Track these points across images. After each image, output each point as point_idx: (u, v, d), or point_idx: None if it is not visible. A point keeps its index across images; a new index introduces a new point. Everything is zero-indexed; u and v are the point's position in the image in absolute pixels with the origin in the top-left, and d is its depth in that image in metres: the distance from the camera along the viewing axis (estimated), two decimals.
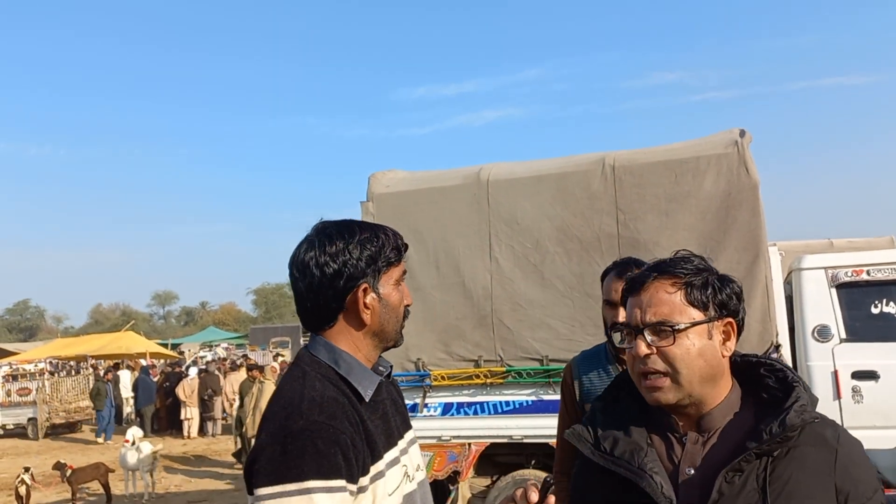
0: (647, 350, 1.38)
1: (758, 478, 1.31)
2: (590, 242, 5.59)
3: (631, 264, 2.75)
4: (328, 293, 1.57)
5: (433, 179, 6.29)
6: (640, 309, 1.41)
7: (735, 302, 1.42)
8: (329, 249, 1.56)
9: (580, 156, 6.03)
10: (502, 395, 5.78)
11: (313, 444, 1.40)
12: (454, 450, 5.85)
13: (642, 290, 1.42)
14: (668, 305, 1.39)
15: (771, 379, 1.42)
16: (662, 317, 1.38)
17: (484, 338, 5.83)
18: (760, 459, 1.32)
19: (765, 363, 1.46)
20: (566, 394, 2.89)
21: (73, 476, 10.06)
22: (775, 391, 1.40)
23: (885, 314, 5.36)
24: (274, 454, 1.40)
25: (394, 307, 1.63)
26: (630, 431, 1.44)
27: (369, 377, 1.60)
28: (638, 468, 1.38)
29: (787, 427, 1.30)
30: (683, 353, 1.36)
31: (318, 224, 1.65)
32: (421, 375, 5.92)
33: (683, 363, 1.36)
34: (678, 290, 1.40)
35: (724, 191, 5.28)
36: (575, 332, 5.57)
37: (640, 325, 1.40)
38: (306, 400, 1.47)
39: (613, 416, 1.49)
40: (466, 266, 5.89)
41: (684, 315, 1.38)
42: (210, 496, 10.66)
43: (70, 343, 29.40)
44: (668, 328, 1.37)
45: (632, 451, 1.41)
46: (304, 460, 1.38)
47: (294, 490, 1.37)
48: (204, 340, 42.19)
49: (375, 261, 1.59)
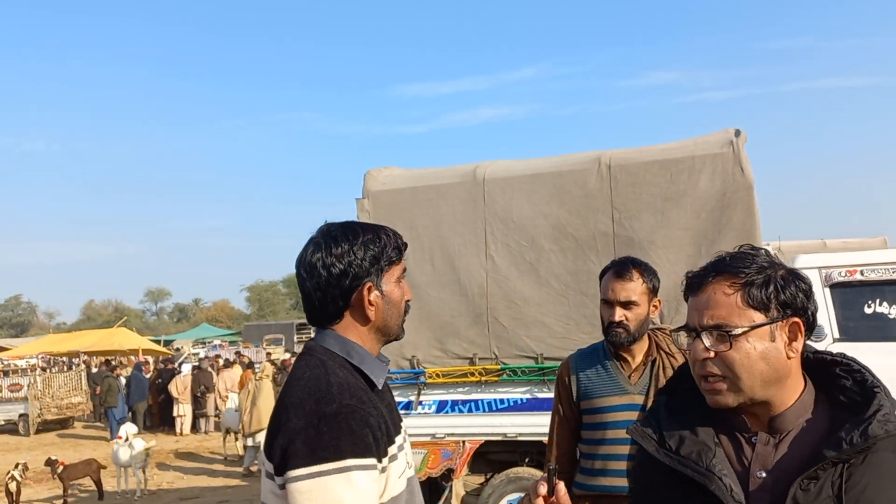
0: (704, 353, 1.33)
1: (833, 485, 1.25)
2: (585, 241, 5.60)
3: (629, 264, 2.77)
4: (335, 292, 1.65)
5: (429, 177, 6.29)
6: (698, 311, 1.36)
7: (802, 299, 1.33)
8: (335, 251, 1.65)
9: (576, 154, 6.04)
10: (497, 392, 5.79)
11: (348, 425, 1.49)
12: (448, 447, 5.86)
13: (700, 290, 1.37)
14: (726, 308, 1.32)
15: (848, 380, 1.35)
16: (719, 320, 1.32)
17: (479, 335, 5.83)
18: (836, 466, 1.26)
19: (841, 362, 1.38)
20: (562, 390, 2.90)
21: (65, 472, 10.01)
22: (853, 394, 1.33)
23: (879, 314, 5.39)
24: (310, 436, 1.47)
25: (396, 303, 1.72)
26: (696, 430, 1.38)
27: (379, 366, 1.70)
28: (706, 469, 1.32)
29: (870, 437, 1.23)
30: (742, 358, 1.30)
31: (322, 226, 1.73)
32: (416, 373, 5.92)
33: (742, 367, 1.30)
34: (737, 292, 1.32)
35: (719, 190, 5.29)
36: (570, 331, 5.58)
37: (697, 328, 1.35)
38: (334, 385, 1.55)
39: (678, 412, 1.44)
40: (462, 264, 5.89)
41: (743, 318, 1.31)
42: (202, 493, 10.64)
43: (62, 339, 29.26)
44: (725, 332, 1.31)
45: (699, 452, 1.35)
46: (341, 441, 1.47)
47: (333, 469, 1.45)
48: (197, 337, 42.11)
49: (378, 260, 1.67)
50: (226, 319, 72.00)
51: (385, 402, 1.69)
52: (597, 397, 2.77)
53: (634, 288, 2.71)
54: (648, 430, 1.44)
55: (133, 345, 24.80)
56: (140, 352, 24.16)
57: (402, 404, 5.87)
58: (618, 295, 2.70)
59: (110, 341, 25.10)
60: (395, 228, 1.79)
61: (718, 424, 1.39)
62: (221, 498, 10.26)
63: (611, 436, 2.72)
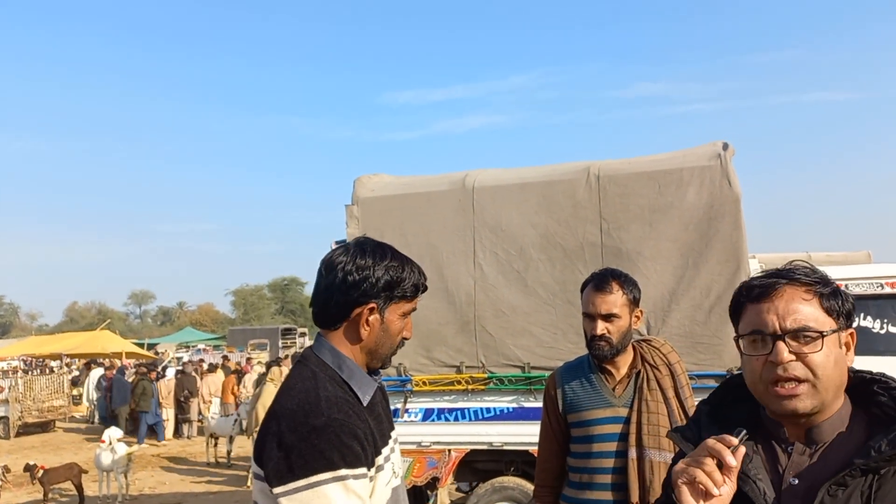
0: (790, 356, 1.33)
1: (862, 494, 1.28)
2: (573, 251, 5.62)
3: (608, 276, 2.76)
4: (340, 298, 1.71)
5: (419, 184, 6.30)
6: (777, 315, 1.35)
7: (853, 312, 1.39)
8: (358, 261, 1.71)
9: (565, 164, 6.07)
10: (483, 401, 5.79)
11: (338, 437, 1.56)
12: (434, 456, 5.85)
13: (773, 296, 1.37)
14: (807, 312, 1.35)
15: (885, 396, 1.38)
16: (805, 323, 1.34)
17: (466, 344, 5.83)
18: (867, 476, 1.28)
19: (879, 380, 1.41)
20: (549, 404, 2.90)
21: (46, 476, 9.90)
22: (889, 409, 1.36)
23: (863, 328, 5.44)
24: (303, 450, 1.54)
25: (391, 335, 1.77)
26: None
27: (368, 383, 1.74)
28: (742, 473, 1.33)
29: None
30: (825, 360, 1.33)
31: (359, 237, 1.81)
32: (402, 380, 5.92)
33: (824, 370, 1.33)
34: (814, 297, 1.36)
35: (706, 203, 5.33)
36: (557, 340, 5.59)
37: (778, 332, 1.34)
38: (323, 399, 1.61)
39: (719, 419, 1.46)
40: (450, 272, 5.89)
41: (822, 323, 1.34)
42: (184, 498, 10.56)
43: (44, 341, 29.06)
44: (815, 334, 1.33)
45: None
46: (333, 452, 1.54)
47: (329, 478, 1.52)
48: (181, 341, 41.87)
49: (392, 288, 1.73)
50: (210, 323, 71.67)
51: (374, 414, 1.74)
52: (583, 410, 2.77)
53: (615, 300, 2.70)
54: (689, 434, 1.48)
55: (116, 348, 24.63)
56: (123, 355, 23.98)
57: None
58: (598, 308, 2.70)
59: (93, 344, 24.92)
60: (383, 235, 1.83)
61: (757, 434, 1.43)
62: (203, 502, 10.18)
63: (597, 449, 2.73)
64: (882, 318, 5.41)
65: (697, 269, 5.27)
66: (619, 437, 2.70)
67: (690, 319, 5.23)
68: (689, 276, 5.29)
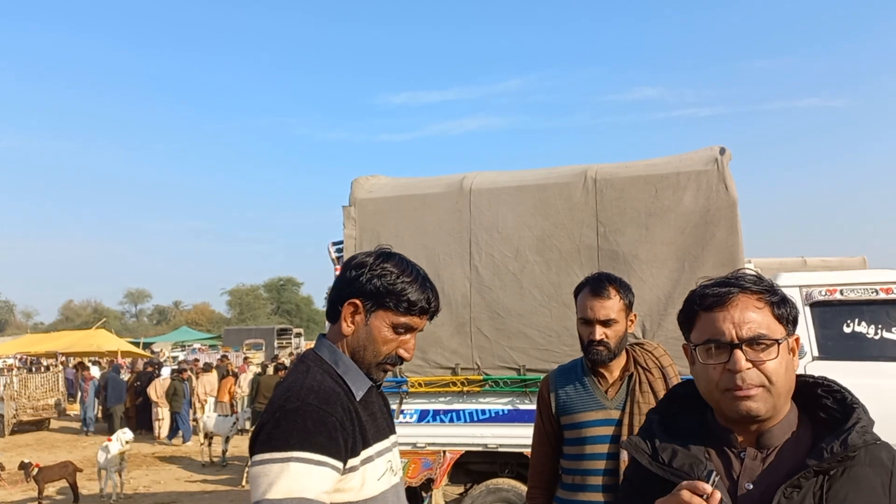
0: (747, 365, 1.36)
1: (815, 495, 1.31)
2: (569, 253, 5.63)
3: (604, 281, 2.75)
4: (336, 293, 1.80)
5: (416, 186, 6.31)
6: (734, 324, 1.38)
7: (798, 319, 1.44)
8: (364, 260, 1.78)
9: (562, 167, 6.08)
10: (478, 403, 5.79)
11: (303, 421, 1.59)
12: (429, 457, 5.86)
13: (727, 305, 1.40)
14: (761, 321, 1.38)
15: (829, 399, 1.43)
16: (760, 330, 1.37)
17: (461, 345, 5.84)
18: (818, 477, 1.32)
19: (822, 384, 1.46)
20: (542, 407, 2.91)
21: (40, 475, 9.89)
22: (833, 411, 1.40)
23: (857, 333, 5.45)
24: (269, 428, 1.60)
25: (374, 340, 1.76)
26: (688, 445, 1.45)
27: (362, 380, 1.78)
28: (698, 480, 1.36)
29: (850, 447, 1.31)
30: (778, 366, 1.37)
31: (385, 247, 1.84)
32: (398, 382, 5.92)
33: (778, 375, 1.37)
34: (766, 306, 1.40)
35: (703, 207, 5.35)
36: (552, 343, 5.60)
37: (735, 340, 1.37)
38: (305, 387, 1.66)
39: (670, 429, 1.50)
40: (446, 273, 5.90)
41: (775, 330, 1.38)
42: (179, 498, 10.54)
43: (39, 339, 28.98)
44: (770, 341, 1.37)
45: (691, 464, 1.41)
46: (292, 434, 1.58)
47: (277, 458, 1.56)
48: (176, 340, 41.82)
49: (382, 295, 1.74)
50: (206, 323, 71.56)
51: (369, 412, 1.78)
52: (575, 412, 2.78)
53: (612, 306, 2.70)
54: (642, 444, 1.50)
55: (112, 346, 24.58)
56: (119, 354, 23.94)
57: None
58: (596, 314, 2.70)
59: (89, 342, 24.87)
60: (380, 236, 1.88)
61: (709, 441, 1.46)
62: (199, 502, 10.18)
63: (589, 451, 2.74)
64: (877, 324, 5.42)
65: (693, 273, 5.29)
66: (610, 439, 2.71)
67: None
68: (684, 280, 5.30)
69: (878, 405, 5.83)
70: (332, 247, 6.32)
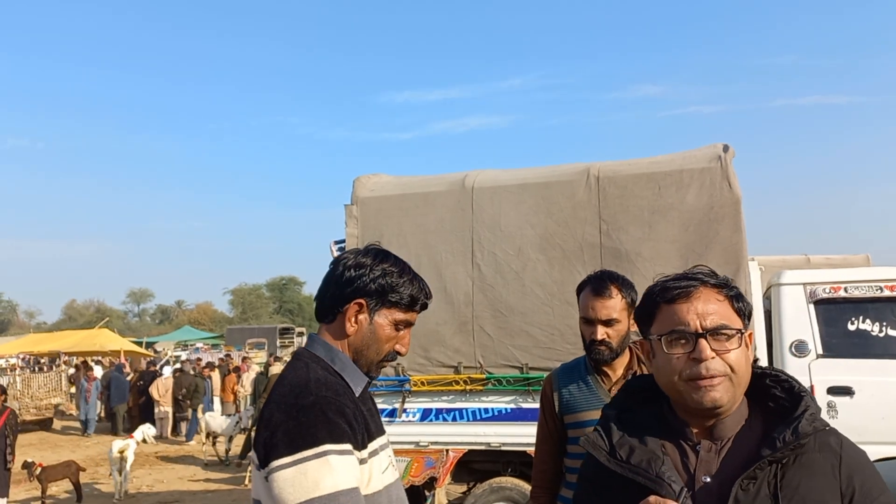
0: (712, 353, 1.40)
1: (769, 485, 1.35)
2: (572, 251, 5.61)
3: (606, 280, 2.74)
4: (336, 291, 1.78)
5: (418, 185, 6.29)
6: (698, 314, 1.42)
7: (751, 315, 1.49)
8: (360, 259, 1.78)
9: (565, 165, 6.07)
10: (481, 402, 5.78)
11: (324, 413, 1.58)
12: (432, 456, 5.84)
13: (691, 297, 1.44)
14: (723, 313, 1.43)
15: (777, 389, 1.47)
16: (722, 322, 1.42)
17: (464, 344, 5.83)
18: (771, 466, 1.36)
19: (770, 374, 1.50)
20: (545, 405, 2.90)
21: (44, 474, 9.90)
22: (783, 401, 1.44)
23: (861, 331, 5.43)
24: (289, 428, 1.56)
25: (378, 338, 1.79)
26: (645, 440, 1.47)
27: (359, 376, 1.79)
28: (656, 476, 1.40)
29: (801, 435, 1.35)
30: (740, 356, 1.41)
31: (372, 244, 1.87)
32: (400, 380, 5.91)
33: (739, 365, 1.41)
34: (725, 299, 1.45)
35: (706, 204, 5.33)
36: (554, 341, 5.59)
37: (700, 330, 1.41)
38: (313, 381, 1.66)
39: (627, 423, 1.52)
40: (448, 272, 5.89)
41: (735, 322, 1.43)
42: (182, 496, 10.54)
43: (42, 339, 28.99)
44: (732, 332, 1.41)
45: (648, 460, 1.43)
46: (318, 428, 1.55)
47: (311, 455, 1.53)
48: (179, 339, 41.84)
49: (385, 292, 1.77)
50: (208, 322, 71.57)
51: (367, 407, 1.78)
52: (579, 411, 2.77)
53: (614, 305, 2.69)
54: (599, 441, 1.53)
55: (115, 346, 24.58)
56: (122, 353, 23.96)
57: (386, 412, 5.86)
58: (598, 314, 2.69)
59: (92, 342, 24.88)
60: (382, 234, 1.87)
61: (664, 434, 1.48)
62: (202, 501, 10.18)
63: None
64: (881, 322, 5.40)
65: None
66: None
67: None
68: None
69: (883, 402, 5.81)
70: (335, 245, 6.30)
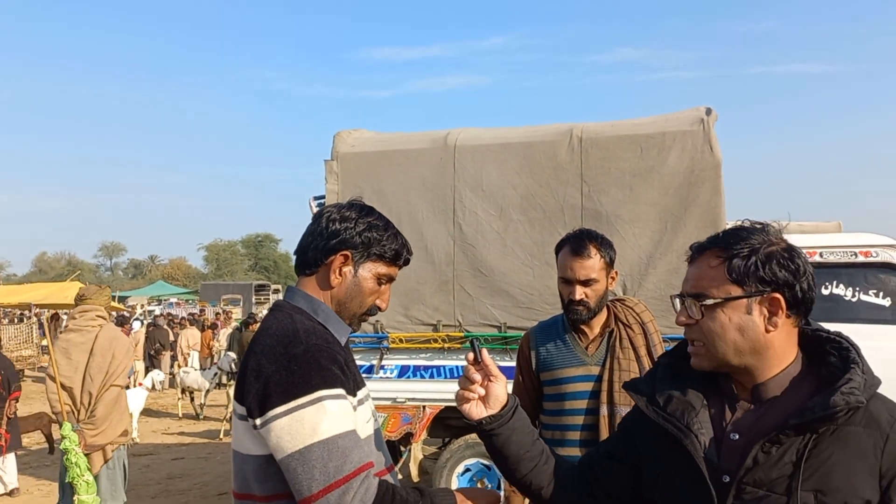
0: (683, 319, 1.43)
1: (797, 452, 1.31)
2: (553, 212, 5.62)
3: (584, 240, 2.73)
4: (320, 243, 1.78)
5: (400, 142, 6.23)
6: (687, 279, 1.46)
7: (785, 276, 1.36)
8: (344, 213, 1.80)
9: (548, 126, 6.03)
10: (459, 360, 5.82)
11: (316, 360, 1.59)
12: (408, 412, 5.89)
13: (695, 260, 1.47)
14: (708, 279, 1.41)
15: (835, 356, 1.40)
16: (699, 290, 1.41)
17: (443, 303, 5.84)
18: (804, 435, 1.31)
19: (833, 339, 1.43)
20: (522, 363, 2.93)
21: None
22: (836, 369, 1.37)
23: (835, 296, 5.52)
24: (282, 377, 1.57)
25: (362, 291, 1.81)
26: (686, 391, 1.47)
27: (343, 327, 1.81)
28: (685, 426, 1.41)
29: (830, 406, 1.28)
30: (717, 327, 1.39)
31: (354, 199, 1.88)
32: (379, 337, 5.93)
33: (716, 336, 1.39)
34: (721, 264, 1.40)
35: (687, 167, 5.34)
36: (534, 301, 5.62)
37: (683, 294, 1.45)
38: (301, 330, 1.65)
39: (675, 374, 1.52)
40: (429, 230, 5.87)
41: (721, 290, 1.39)
42: (156, 450, 10.57)
43: (12, 290, 28.60)
44: (700, 302, 1.41)
45: (683, 410, 1.44)
46: (311, 376, 1.57)
47: (306, 401, 1.54)
48: (152, 295, 41.57)
49: (370, 245, 1.78)
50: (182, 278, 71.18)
51: (350, 358, 1.80)
52: (555, 369, 2.80)
53: (593, 265, 2.69)
54: (643, 387, 1.54)
55: None
56: None
57: (364, 368, 5.88)
58: (577, 274, 2.69)
59: (63, 295, 24.50)
60: (363, 191, 1.88)
61: (711, 389, 1.48)
62: (176, 455, 10.21)
63: (568, 406, 2.76)
64: (854, 287, 5.50)
65: (675, 233, 5.30)
66: (590, 395, 2.74)
67: (666, 283, 5.28)
68: (666, 241, 5.32)
69: None
70: (314, 201, 6.24)
